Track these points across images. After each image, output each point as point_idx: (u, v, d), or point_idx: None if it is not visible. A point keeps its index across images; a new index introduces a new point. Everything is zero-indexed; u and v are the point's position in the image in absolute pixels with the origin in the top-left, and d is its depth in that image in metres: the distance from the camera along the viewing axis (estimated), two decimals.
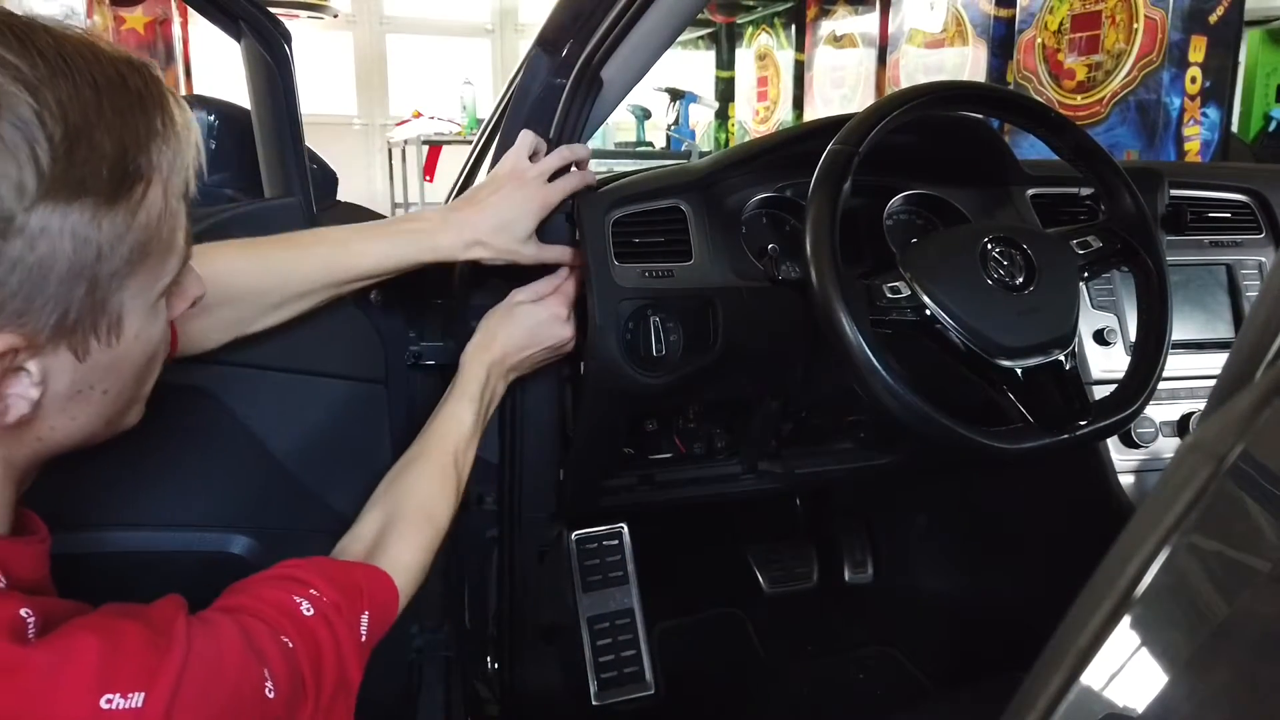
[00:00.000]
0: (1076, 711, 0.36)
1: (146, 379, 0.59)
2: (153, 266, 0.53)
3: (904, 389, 0.83)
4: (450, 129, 4.44)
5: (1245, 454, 0.38)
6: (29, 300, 0.47)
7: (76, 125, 0.46)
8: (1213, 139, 2.73)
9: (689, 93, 4.45)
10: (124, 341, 0.53)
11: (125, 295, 0.52)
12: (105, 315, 0.51)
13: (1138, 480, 1.14)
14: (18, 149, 0.45)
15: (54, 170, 0.46)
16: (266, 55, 0.93)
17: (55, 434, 0.54)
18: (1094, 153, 1.01)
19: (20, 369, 0.49)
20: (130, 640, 0.49)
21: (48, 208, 0.46)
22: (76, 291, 0.49)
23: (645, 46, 0.98)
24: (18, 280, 0.46)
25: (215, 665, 0.51)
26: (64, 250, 0.47)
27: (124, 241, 0.50)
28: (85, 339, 0.51)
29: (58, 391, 0.51)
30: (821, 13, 4.36)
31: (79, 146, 0.46)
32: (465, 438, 0.89)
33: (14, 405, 0.50)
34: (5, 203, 0.45)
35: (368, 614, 0.67)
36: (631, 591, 1.35)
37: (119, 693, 0.46)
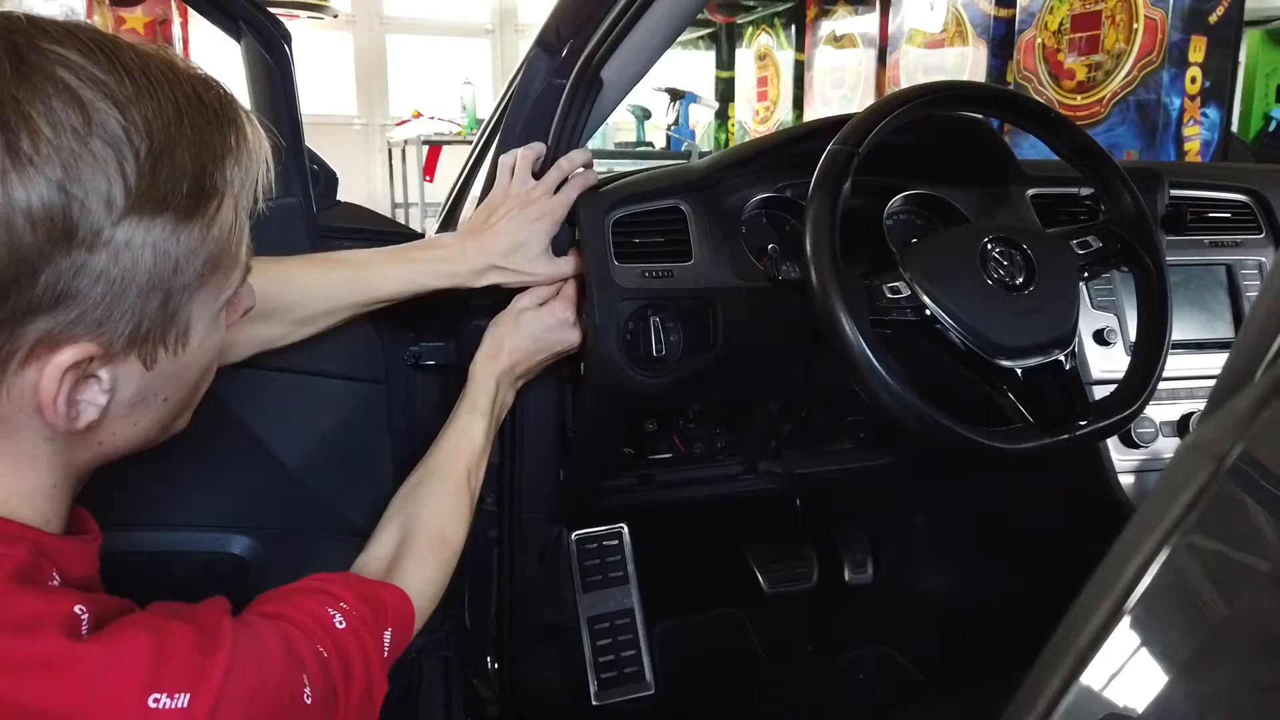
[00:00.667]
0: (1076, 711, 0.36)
1: (202, 386, 0.61)
2: (220, 279, 0.55)
3: (904, 389, 0.83)
4: (450, 129, 4.44)
5: (1245, 454, 0.38)
6: (109, 311, 0.48)
7: (160, 142, 0.48)
8: (1213, 139, 2.72)
9: (689, 93, 4.45)
10: (189, 350, 0.55)
11: (194, 307, 0.54)
12: (174, 326, 0.53)
13: (1138, 480, 1.14)
14: (107, 164, 0.46)
15: (140, 185, 0.47)
16: (266, 55, 0.93)
17: (116, 439, 0.55)
18: (1094, 153, 1.01)
19: (92, 377, 0.50)
20: (179, 641, 0.49)
21: (132, 222, 0.47)
22: (152, 303, 0.50)
23: (645, 46, 0.98)
24: (100, 291, 0.48)
25: (259, 669, 0.52)
26: (145, 263, 0.49)
27: (198, 255, 0.52)
28: (154, 349, 0.52)
29: (124, 399, 0.53)
30: (821, 13, 4.36)
31: (163, 163, 0.48)
32: (477, 453, 0.90)
33: (85, 412, 0.51)
34: (94, 216, 0.46)
35: (390, 631, 0.68)
36: (631, 591, 1.35)
37: (166, 692, 0.47)
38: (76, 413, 0.51)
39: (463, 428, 0.90)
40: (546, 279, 0.96)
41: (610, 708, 1.30)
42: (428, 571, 0.79)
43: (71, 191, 0.45)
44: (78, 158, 0.45)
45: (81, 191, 0.45)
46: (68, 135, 0.45)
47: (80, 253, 0.46)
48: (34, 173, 0.44)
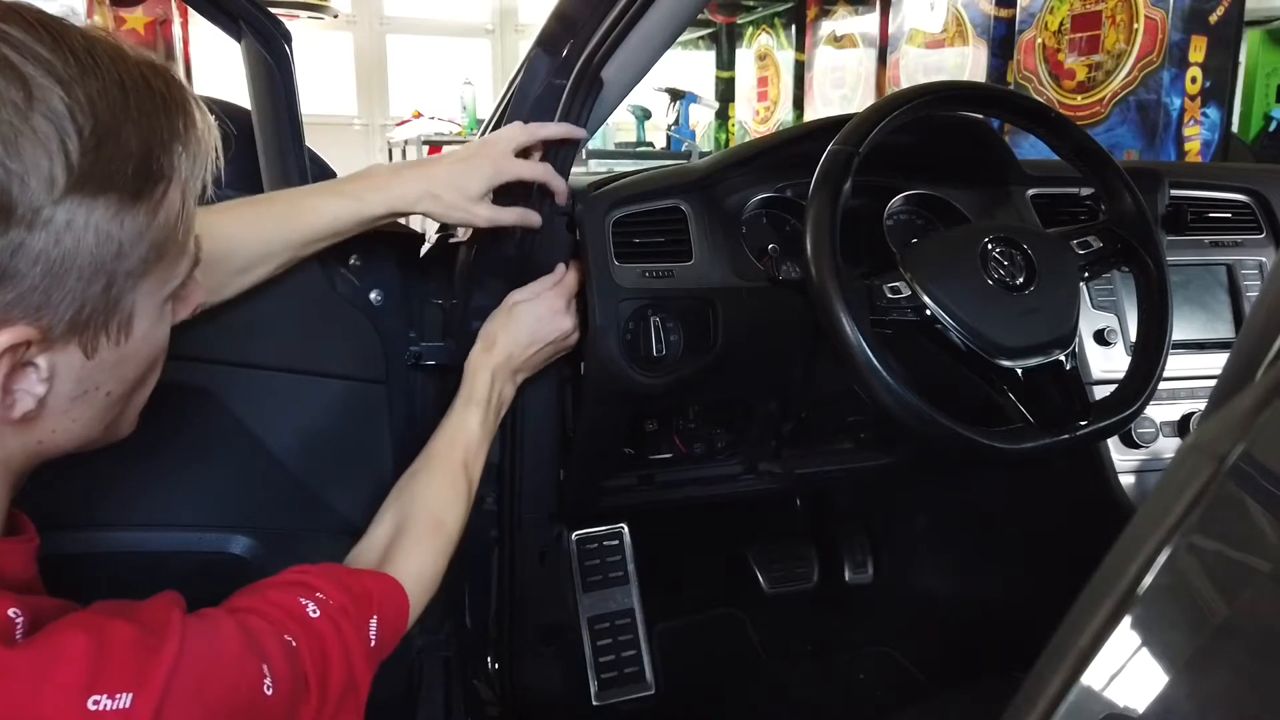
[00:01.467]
0: (1076, 711, 0.36)
1: (146, 383, 0.59)
2: (166, 267, 0.54)
3: (904, 389, 0.83)
4: (450, 129, 4.43)
5: (1246, 454, 0.38)
6: (47, 294, 0.47)
7: (105, 122, 0.47)
8: (1213, 139, 2.72)
9: (689, 93, 4.44)
10: (132, 341, 0.53)
11: (138, 295, 0.52)
12: (117, 314, 0.51)
13: (1138, 480, 1.14)
14: (49, 140, 0.45)
15: (83, 164, 0.46)
16: (267, 55, 0.93)
17: (56, 437, 0.53)
18: (1094, 153, 1.01)
19: (29, 364, 0.49)
20: (119, 639, 0.48)
21: (74, 201, 0.46)
22: (94, 288, 0.49)
23: (645, 47, 0.97)
24: (40, 273, 0.46)
25: (210, 662, 0.51)
26: (87, 245, 0.47)
27: (143, 240, 0.50)
28: (96, 336, 0.51)
29: (63, 391, 0.51)
30: (821, 13, 4.35)
31: (107, 143, 0.47)
32: (474, 444, 0.89)
33: (20, 401, 0.49)
34: (35, 194, 0.45)
35: (376, 619, 0.67)
36: (632, 591, 1.35)
37: (106, 693, 0.46)
38: (12, 401, 0.49)
39: (457, 419, 0.90)
40: (484, 222, 0.92)
41: (610, 708, 1.30)
42: (422, 557, 0.78)
43: (10, 167, 0.44)
44: (18, 133, 0.44)
45: (20, 168, 0.44)
46: (7, 110, 0.44)
47: (18, 231, 0.45)
48: None
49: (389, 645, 0.70)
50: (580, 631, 1.31)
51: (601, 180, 1.08)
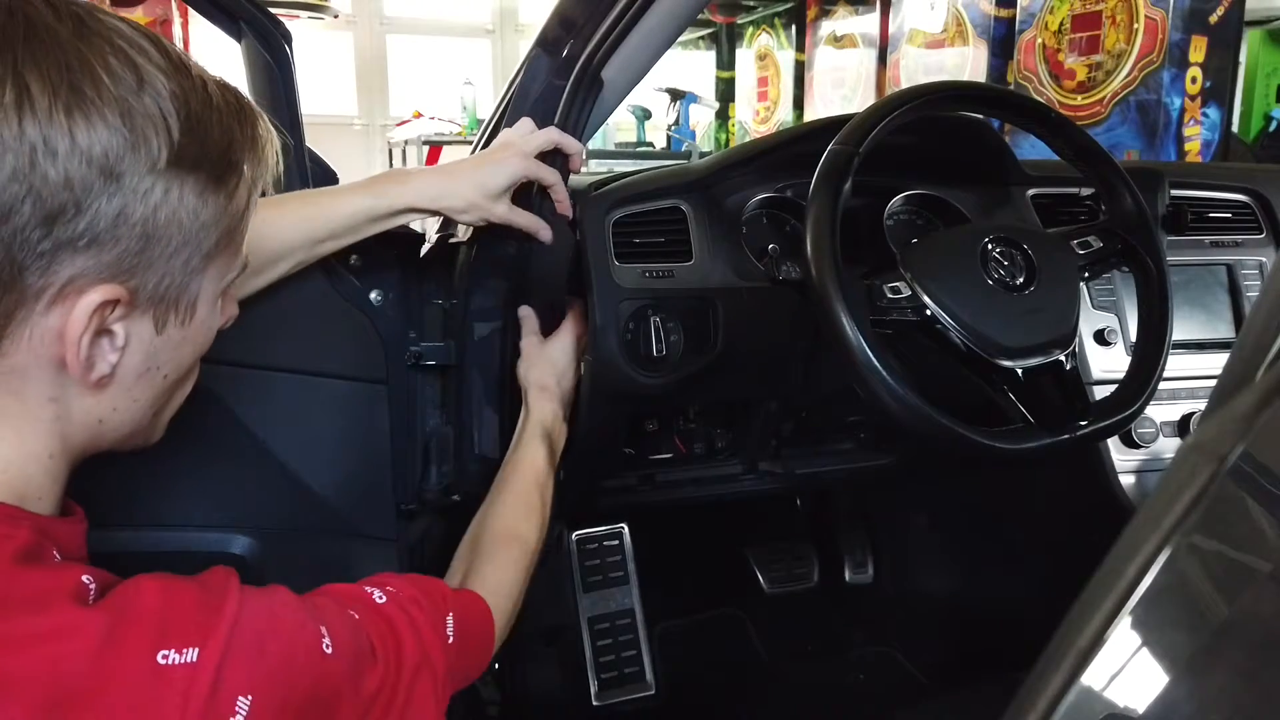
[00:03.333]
0: (1076, 711, 0.36)
1: (186, 381, 0.63)
2: (228, 259, 0.58)
3: (904, 389, 0.83)
4: (450, 129, 4.43)
5: (1246, 454, 0.38)
6: (140, 259, 0.51)
7: (197, 113, 0.52)
8: (1213, 139, 2.72)
9: (689, 93, 4.44)
10: (194, 325, 0.57)
11: (205, 279, 0.57)
12: (187, 294, 0.56)
13: (1138, 480, 1.14)
14: (155, 119, 0.50)
15: (181, 143, 0.51)
16: (267, 55, 0.93)
17: (116, 417, 0.56)
18: (1094, 153, 1.01)
19: (108, 331, 0.52)
20: (185, 598, 0.50)
21: (172, 176, 0.51)
22: (177, 260, 0.53)
23: (645, 47, 0.98)
24: (138, 236, 0.51)
25: (268, 619, 0.52)
26: (178, 218, 0.52)
27: (218, 225, 0.55)
28: (167, 312, 0.55)
29: (131, 364, 0.55)
30: (821, 13, 4.35)
31: (198, 129, 0.52)
32: (541, 468, 0.93)
33: (99, 365, 0.53)
34: (142, 164, 0.50)
35: (453, 617, 0.68)
36: (632, 592, 1.35)
37: (174, 648, 0.47)
38: (91, 363, 0.52)
39: (523, 452, 0.94)
40: (500, 219, 0.93)
41: (610, 708, 1.30)
42: (499, 569, 0.80)
43: (126, 137, 0.49)
44: (132, 109, 0.49)
45: (135, 139, 0.49)
46: (124, 88, 0.49)
47: (125, 196, 0.49)
48: (95, 115, 0.48)
49: (475, 652, 0.71)
50: (580, 632, 1.31)
51: (601, 180, 1.08)
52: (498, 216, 0.93)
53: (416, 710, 0.60)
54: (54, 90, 0.47)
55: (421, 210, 0.91)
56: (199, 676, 0.47)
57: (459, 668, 0.68)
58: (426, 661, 0.62)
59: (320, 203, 0.88)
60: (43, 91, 0.47)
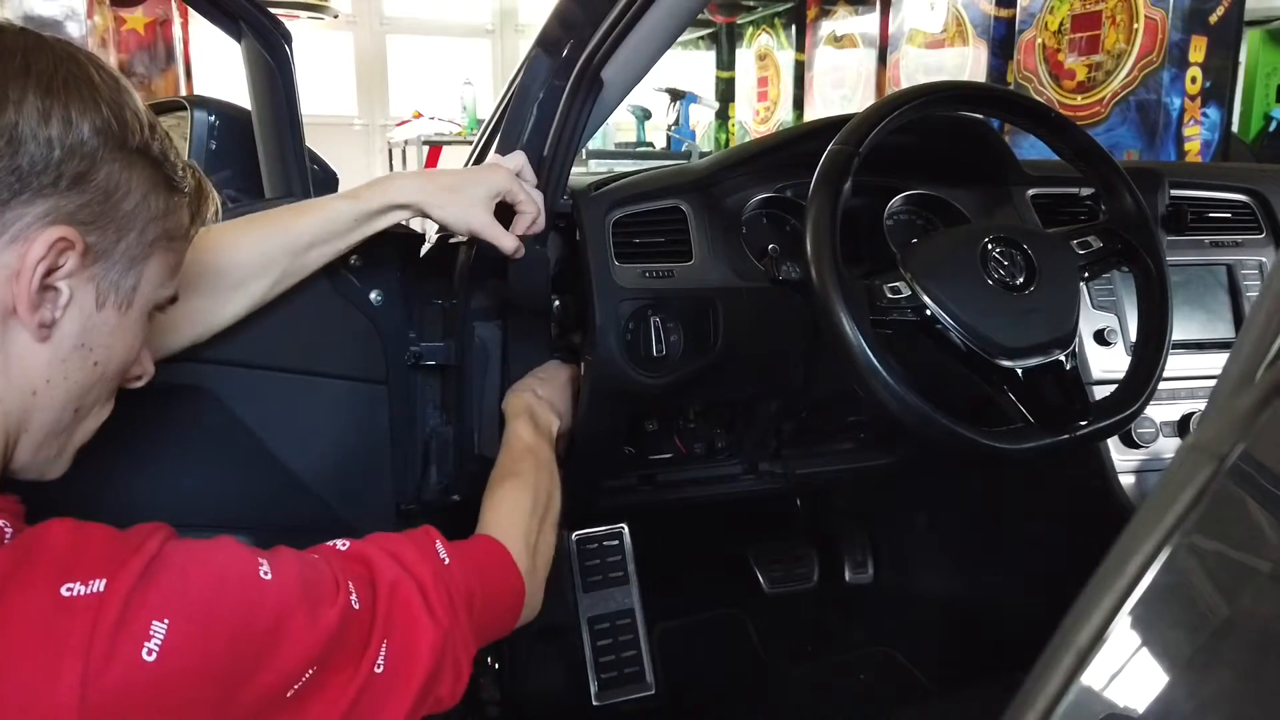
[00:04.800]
0: (1076, 711, 0.36)
1: (105, 400, 0.64)
2: (166, 266, 0.63)
3: (904, 389, 0.83)
4: (450, 129, 4.43)
5: (1246, 454, 0.38)
6: (96, 215, 0.57)
7: (164, 134, 0.61)
8: (1213, 139, 2.72)
9: (689, 93, 4.44)
10: (128, 316, 0.61)
11: (145, 272, 0.61)
12: (130, 276, 0.60)
13: (1138, 480, 1.14)
14: (132, 112, 0.58)
15: (145, 136, 0.59)
16: (267, 55, 0.93)
17: (47, 391, 0.58)
18: (1094, 153, 1.01)
19: (53, 288, 0.56)
20: (96, 535, 0.50)
21: (139, 159, 0.58)
22: (127, 236, 0.59)
23: (645, 47, 0.98)
24: (93, 195, 0.56)
25: (194, 552, 0.52)
26: (135, 194, 0.58)
27: (162, 221, 0.61)
28: (109, 291, 0.59)
29: (69, 330, 0.57)
30: (821, 13, 4.35)
31: (164, 143, 0.61)
32: (527, 437, 0.93)
33: (44, 308, 0.55)
34: (114, 142, 0.57)
35: (441, 542, 0.68)
36: (632, 591, 1.35)
37: (80, 580, 0.47)
38: (41, 301, 0.55)
39: (505, 434, 0.95)
40: (477, 229, 0.93)
41: (610, 708, 1.30)
42: (497, 508, 0.81)
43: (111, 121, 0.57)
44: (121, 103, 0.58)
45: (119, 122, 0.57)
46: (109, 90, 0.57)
47: (97, 161, 0.56)
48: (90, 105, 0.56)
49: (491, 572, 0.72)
50: (580, 631, 1.31)
51: (601, 180, 1.08)
52: (477, 223, 0.92)
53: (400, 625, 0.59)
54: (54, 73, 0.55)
55: (402, 205, 0.90)
56: (106, 604, 0.46)
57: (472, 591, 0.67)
58: (407, 575, 0.61)
59: (297, 209, 0.88)
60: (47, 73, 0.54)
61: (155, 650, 0.46)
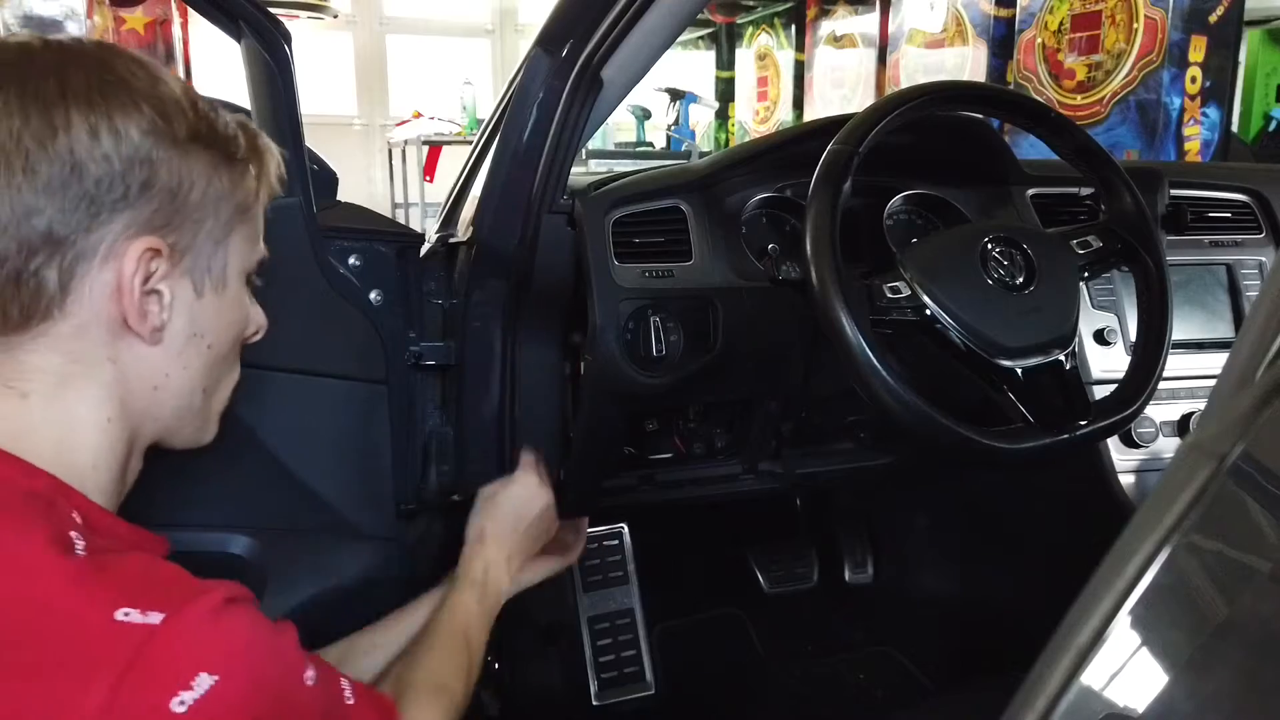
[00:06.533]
0: (1076, 711, 0.36)
1: (231, 365, 0.69)
2: (247, 236, 0.66)
3: (904, 389, 0.83)
4: (450, 129, 4.43)
5: (1245, 454, 0.38)
6: (170, 216, 0.58)
7: (204, 106, 0.62)
8: (1213, 139, 2.72)
9: (689, 93, 4.44)
10: (227, 295, 0.64)
11: (230, 249, 0.64)
12: (218, 259, 0.63)
13: (1138, 480, 1.14)
14: (173, 103, 0.59)
15: (195, 123, 0.60)
16: (266, 55, 0.92)
17: (170, 383, 0.62)
18: (1094, 152, 1.01)
19: (155, 292, 0.58)
20: (166, 571, 0.51)
21: (191, 148, 0.59)
22: (203, 226, 0.61)
23: (645, 47, 0.98)
24: (162, 199, 0.58)
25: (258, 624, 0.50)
26: (199, 183, 0.60)
27: (232, 197, 0.63)
28: (202, 277, 0.62)
29: (178, 326, 0.61)
30: (821, 13, 4.36)
31: (207, 117, 0.61)
32: (473, 619, 0.89)
33: (151, 314, 0.58)
34: (165, 138, 0.58)
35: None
36: (632, 591, 1.35)
37: (139, 609, 0.46)
38: (146, 311, 0.58)
39: (455, 597, 0.90)
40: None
41: (610, 708, 1.30)
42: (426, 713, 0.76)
43: (153, 116, 0.57)
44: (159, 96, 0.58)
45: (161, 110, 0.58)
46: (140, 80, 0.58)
47: (153, 165, 0.57)
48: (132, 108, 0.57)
49: None
50: (580, 631, 1.31)
51: (601, 180, 1.08)
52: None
53: None
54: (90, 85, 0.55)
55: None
56: (155, 638, 0.45)
57: None
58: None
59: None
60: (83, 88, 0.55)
61: (188, 704, 0.44)
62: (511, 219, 1.03)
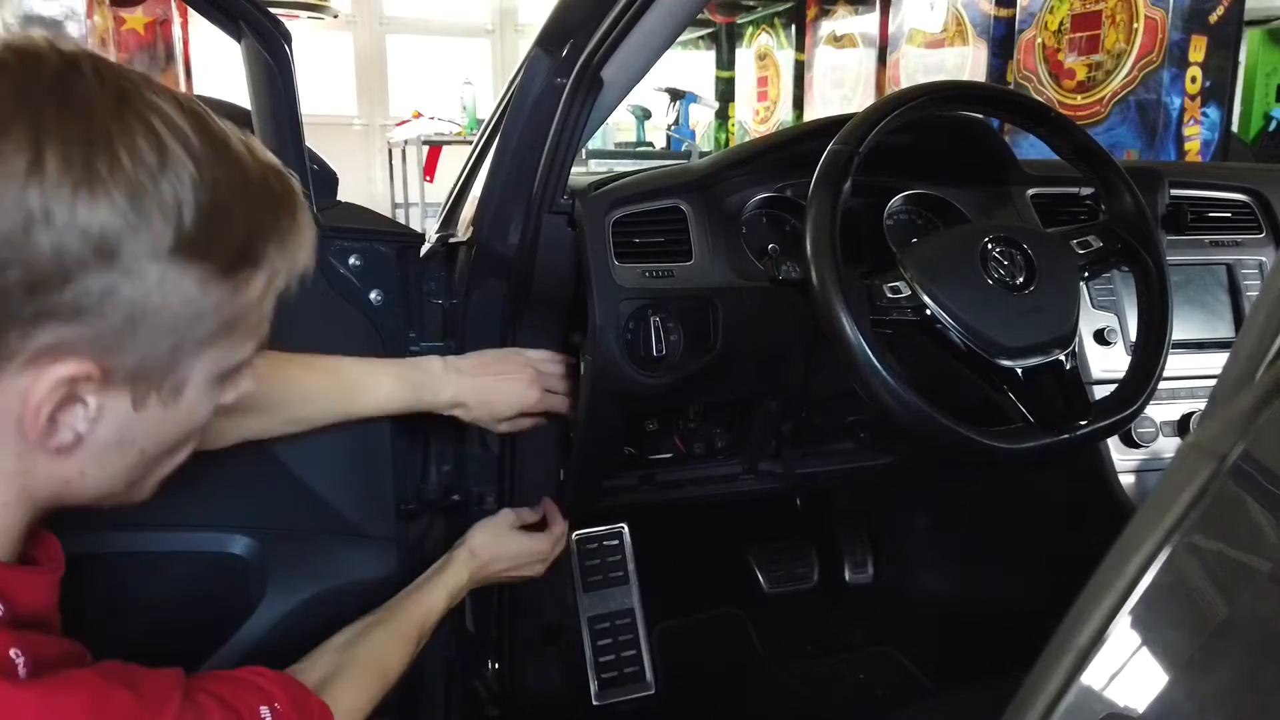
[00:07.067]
0: (1076, 711, 0.36)
1: (176, 454, 0.61)
2: (231, 344, 0.56)
3: (904, 389, 0.83)
4: (450, 129, 4.43)
5: (1245, 454, 0.38)
6: (120, 339, 0.49)
7: (221, 202, 0.51)
8: (1213, 139, 2.72)
9: (689, 93, 4.44)
10: (179, 406, 0.55)
11: (198, 363, 0.55)
12: (174, 375, 0.54)
13: (1138, 480, 1.14)
14: (167, 206, 0.49)
15: (190, 233, 0.50)
16: (267, 55, 0.92)
17: (84, 480, 0.54)
18: (1094, 152, 1.01)
19: (80, 400, 0.50)
20: (118, 705, 0.49)
21: (173, 263, 0.50)
22: (162, 345, 0.51)
23: (645, 46, 0.97)
24: (121, 318, 0.49)
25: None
26: (170, 305, 0.50)
27: (219, 313, 0.53)
28: (148, 392, 0.53)
29: (103, 435, 0.52)
30: (821, 13, 4.36)
31: (216, 220, 0.51)
32: (434, 617, 0.93)
33: (61, 432, 0.51)
34: (141, 248, 0.48)
35: None
36: (632, 591, 1.35)
37: None
38: (54, 429, 0.50)
39: (428, 593, 0.94)
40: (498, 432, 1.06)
41: (610, 708, 1.30)
42: (358, 695, 0.78)
43: (129, 219, 0.47)
44: (145, 193, 0.48)
45: (138, 221, 0.48)
46: (143, 171, 0.48)
47: (115, 276, 0.48)
48: (102, 195, 0.47)
49: None
50: (580, 631, 1.31)
51: (601, 180, 1.08)
52: (499, 430, 1.06)
53: None
54: (67, 163, 0.46)
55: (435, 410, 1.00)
56: None
57: None
58: None
59: (363, 385, 0.93)
60: (56, 164, 0.46)
61: None
62: (511, 219, 1.03)
